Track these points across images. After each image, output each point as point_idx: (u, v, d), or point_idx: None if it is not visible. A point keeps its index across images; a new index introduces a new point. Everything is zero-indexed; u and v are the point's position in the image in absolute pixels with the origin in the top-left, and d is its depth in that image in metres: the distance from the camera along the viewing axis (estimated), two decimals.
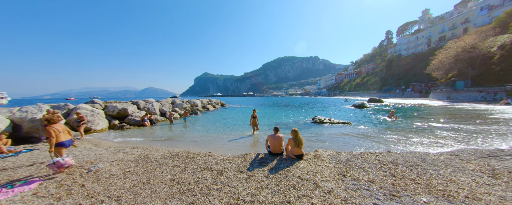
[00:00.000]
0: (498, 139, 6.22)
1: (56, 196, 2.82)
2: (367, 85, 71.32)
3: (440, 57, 30.62)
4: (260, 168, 3.83)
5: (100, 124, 9.24)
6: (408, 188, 2.87)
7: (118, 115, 10.96)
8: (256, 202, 2.57)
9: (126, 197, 2.75)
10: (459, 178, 3.17)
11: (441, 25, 48.26)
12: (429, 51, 45.45)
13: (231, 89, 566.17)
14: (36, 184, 3.19)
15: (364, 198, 2.62)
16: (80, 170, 3.90)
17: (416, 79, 44.34)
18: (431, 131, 7.84)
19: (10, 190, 2.94)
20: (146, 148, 5.86)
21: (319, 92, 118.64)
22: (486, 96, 23.39)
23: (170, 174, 3.58)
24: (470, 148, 5.21)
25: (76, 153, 5.20)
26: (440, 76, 32.56)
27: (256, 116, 7.90)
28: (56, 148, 3.66)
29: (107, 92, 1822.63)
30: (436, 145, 5.79)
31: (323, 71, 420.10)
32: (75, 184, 3.22)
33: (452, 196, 2.61)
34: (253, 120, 7.71)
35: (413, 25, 76.33)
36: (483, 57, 26.69)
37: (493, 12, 36.18)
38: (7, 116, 7.00)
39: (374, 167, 3.75)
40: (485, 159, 4.12)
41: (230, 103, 37.97)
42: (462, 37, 29.42)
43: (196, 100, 20.69)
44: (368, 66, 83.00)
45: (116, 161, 4.41)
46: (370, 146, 5.91)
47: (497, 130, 7.59)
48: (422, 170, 3.55)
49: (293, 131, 4.48)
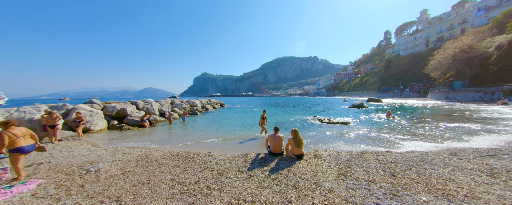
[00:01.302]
0: (494, 137, 6.28)
1: (55, 196, 2.79)
2: (366, 85, 71.61)
3: (438, 57, 30.84)
4: (260, 168, 3.83)
5: (99, 124, 9.19)
6: (408, 187, 2.88)
7: (117, 115, 10.90)
8: (257, 202, 2.57)
9: (126, 197, 2.74)
10: (458, 177, 3.20)
11: (439, 26, 48.62)
12: (427, 51, 45.77)
13: (230, 90, 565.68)
14: (35, 185, 3.17)
15: (365, 197, 2.63)
16: (79, 170, 3.87)
17: (415, 80, 44.61)
18: (428, 130, 7.89)
19: (8, 191, 2.91)
20: (146, 148, 5.84)
21: (318, 92, 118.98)
22: (483, 96, 23.59)
23: (170, 174, 3.57)
24: (469, 147, 5.25)
25: (75, 154, 5.16)
26: (438, 76, 32.80)
27: (266, 117, 7.86)
28: (11, 154, 3.35)
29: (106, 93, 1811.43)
30: (434, 144, 5.82)
31: (322, 71, 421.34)
32: (75, 184, 3.20)
33: (451, 195, 2.63)
34: (262, 120, 7.74)
35: (411, 26, 76.81)
36: (480, 58, 26.91)
37: (490, 13, 36.55)
38: (5, 116, 6.93)
39: (374, 167, 3.76)
40: (483, 158, 4.15)
41: (230, 103, 37.93)
42: (460, 37, 29.66)
43: (195, 101, 20.65)
44: (367, 66, 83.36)
45: (115, 161, 4.38)
46: (370, 145, 5.94)
47: (491, 129, 7.65)
48: (421, 169, 3.57)
49: (293, 130, 4.49)
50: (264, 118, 7.76)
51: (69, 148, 5.91)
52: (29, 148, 3.58)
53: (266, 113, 7.91)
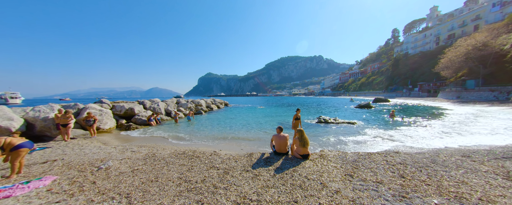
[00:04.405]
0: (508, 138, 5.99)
1: (69, 192, 2.91)
2: (373, 84, 69.99)
3: (450, 55, 29.68)
4: (265, 168, 3.84)
5: (108, 123, 9.47)
6: (418, 189, 2.81)
7: (125, 114, 11.20)
8: (262, 201, 2.58)
9: (135, 194, 2.81)
10: (472, 180, 3.08)
11: (451, 23, 46.79)
12: (438, 49, 44.16)
13: (234, 89, 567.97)
14: (50, 181, 3.31)
15: (373, 198, 2.58)
16: (90, 167, 4.02)
17: (424, 79, 43.17)
18: (437, 131, 7.63)
19: (26, 186, 3.06)
20: (153, 146, 5.97)
21: (323, 92, 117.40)
22: (498, 95, 22.52)
23: (177, 173, 3.63)
24: (482, 149, 5.04)
25: (86, 151, 5.35)
26: (450, 75, 31.57)
27: (300, 117, 6.33)
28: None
29: (114, 93, 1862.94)
30: (445, 145, 5.62)
31: (327, 70, 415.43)
32: (87, 181, 3.32)
33: (464, 198, 2.54)
34: (296, 122, 6.11)
35: (420, 23, 74.37)
36: (495, 55, 25.70)
37: (506, 8, 34.77)
38: (21, 115, 7.28)
39: (382, 168, 3.68)
40: (499, 161, 3.97)
41: (234, 102, 38.12)
42: (473, 34, 28.45)
43: (200, 100, 20.89)
44: (374, 65, 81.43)
45: (124, 159, 4.51)
46: (377, 146, 5.81)
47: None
48: (432, 171, 3.47)
49: (298, 130, 4.46)
50: (298, 119, 6.22)
51: (80, 146, 6.14)
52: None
53: (300, 112, 6.36)
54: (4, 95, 55.19)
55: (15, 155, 3.49)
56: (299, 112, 6.37)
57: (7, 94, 55.79)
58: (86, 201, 2.65)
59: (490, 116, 11.58)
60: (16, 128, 6.49)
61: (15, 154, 3.48)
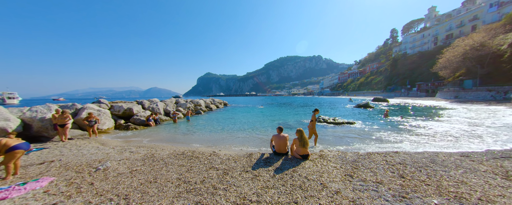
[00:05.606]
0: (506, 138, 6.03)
1: (66, 194, 2.87)
2: (372, 84, 70.29)
3: (448, 55, 29.89)
4: (265, 168, 3.82)
5: (107, 123, 9.39)
6: (418, 190, 2.80)
7: (123, 114, 11.12)
8: (262, 202, 2.56)
9: (134, 195, 2.78)
10: (471, 180, 3.09)
11: (448, 23, 47.11)
12: (436, 49, 44.45)
13: (233, 89, 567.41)
14: (47, 182, 3.26)
15: (373, 199, 2.57)
16: (88, 168, 3.97)
17: (422, 79, 43.45)
18: (437, 131, 7.66)
19: (22, 188, 3.01)
20: (152, 147, 5.93)
21: (322, 92, 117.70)
22: (495, 95, 22.70)
23: (176, 173, 3.60)
24: (481, 149, 5.06)
25: (84, 152, 5.29)
26: (447, 75, 31.78)
27: (315, 120, 5.76)
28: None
29: (112, 92, 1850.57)
30: (444, 145, 5.65)
31: (326, 70, 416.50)
32: (84, 182, 3.28)
33: (464, 198, 2.54)
34: (311, 123, 5.67)
35: (419, 23, 74.81)
36: (492, 56, 25.90)
37: (503, 9, 35.08)
38: (18, 115, 7.19)
39: (382, 168, 3.68)
40: (497, 160, 3.99)
41: (233, 102, 38.07)
42: (471, 35, 28.65)
43: (199, 100, 20.83)
44: (373, 65, 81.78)
45: (123, 160, 4.47)
46: (376, 146, 5.82)
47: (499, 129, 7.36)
48: (431, 171, 3.47)
49: (298, 130, 4.45)
50: (313, 121, 5.67)
51: (78, 146, 6.07)
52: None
53: (318, 113, 5.73)
54: (2, 96, 54.69)
55: (10, 157, 3.43)
56: (317, 112, 5.71)
57: (4, 95, 55.28)
58: (84, 202, 2.61)
59: (502, 114, 11.65)
60: (13, 129, 6.41)
61: (10, 155, 3.43)
